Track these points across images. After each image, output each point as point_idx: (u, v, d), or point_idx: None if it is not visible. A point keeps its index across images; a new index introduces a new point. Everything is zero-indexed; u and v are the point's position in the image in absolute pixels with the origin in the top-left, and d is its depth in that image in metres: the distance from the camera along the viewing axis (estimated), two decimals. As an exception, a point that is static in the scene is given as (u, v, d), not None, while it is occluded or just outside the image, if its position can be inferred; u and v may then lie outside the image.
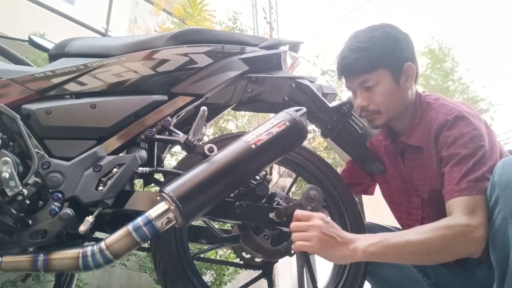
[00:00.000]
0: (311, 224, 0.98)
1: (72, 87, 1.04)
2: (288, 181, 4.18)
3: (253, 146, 0.96)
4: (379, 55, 1.21)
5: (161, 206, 0.86)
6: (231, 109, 1.36)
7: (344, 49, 1.28)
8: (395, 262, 1.24)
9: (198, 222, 1.49)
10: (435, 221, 1.09)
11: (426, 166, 1.25)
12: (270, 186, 1.09)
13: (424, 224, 1.10)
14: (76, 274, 1.33)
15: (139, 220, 0.85)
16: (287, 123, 1.02)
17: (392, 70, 1.22)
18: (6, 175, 0.84)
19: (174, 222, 0.87)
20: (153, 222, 0.84)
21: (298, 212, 1.01)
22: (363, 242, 1.00)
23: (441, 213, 1.13)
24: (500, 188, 0.97)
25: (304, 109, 1.09)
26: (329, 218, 1.02)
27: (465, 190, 1.06)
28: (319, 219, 0.99)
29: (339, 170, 1.55)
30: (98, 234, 1.07)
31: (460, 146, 1.13)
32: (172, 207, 0.86)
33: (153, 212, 0.85)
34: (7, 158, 0.86)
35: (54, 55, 1.16)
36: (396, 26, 1.28)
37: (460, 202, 1.06)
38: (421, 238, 1.01)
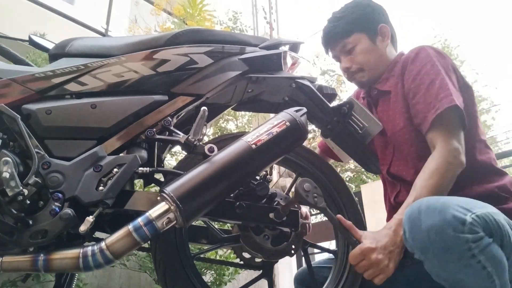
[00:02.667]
0: (369, 262, 1.00)
1: (73, 87, 1.03)
2: (288, 181, 4.18)
3: (254, 146, 0.96)
4: (353, 20, 1.38)
5: (162, 206, 0.86)
6: (231, 109, 1.36)
7: (326, 24, 1.45)
8: None
9: (198, 222, 1.49)
10: (403, 164, 1.28)
11: (392, 107, 1.34)
12: (270, 186, 1.09)
13: (396, 168, 1.30)
14: (76, 274, 1.33)
15: (140, 220, 0.85)
16: (288, 123, 1.02)
17: (367, 32, 1.38)
18: (6, 175, 0.84)
19: (175, 222, 0.87)
20: (154, 222, 0.84)
21: (351, 256, 1.03)
22: (400, 230, 1.02)
23: (409, 155, 1.27)
24: (419, 254, 0.92)
25: (305, 109, 1.09)
26: (372, 243, 1.03)
27: (438, 109, 1.15)
28: (370, 251, 1.01)
29: (339, 170, 1.56)
30: (98, 234, 1.07)
31: (425, 74, 1.23)
32: (172, 207, 0.86)
33: (153, 212, 0.85)
34: (8, 158, 0.86)
35: (54, 55, 1.16)
36: None
37: (437, 131, 1.16)
38: (430, 187, 1.08)
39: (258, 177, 1.07)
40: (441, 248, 0.84)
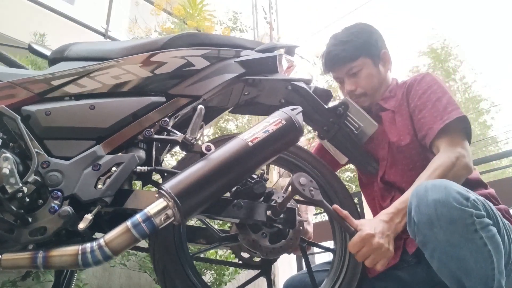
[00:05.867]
0: (370, 248, 1.01)
1: (72, 89, 1.05)
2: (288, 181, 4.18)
3: (250, 144, 0.98)
4: (359, 46, 1.42)
5: (160, 203, 0.88)
6: (229, 112, 1.38)
7: (328, 46, 1.49)
8: None
9: (196, 222, 1.50)
10: (398, 174, 1.30)
11: (398, 125, 1.38)
12: (270, 186, 1.10)
13: (391, 176, 1.33)
14: (76, 274, 1.34)
15: (138, 217, 0.86)
16: (283, 121, 1.04)
17: (371, 57, 1.44)
18: (6, 171, 0.86)
19: (173, 218, 0.88)
20: (152, 218, 0.86)
21: (351, 244, 1.03)
22: (395, 218, 1.06)
23: (406, 168, 1.31)
24: (424, 231, 0.93)
25: (300, 108, 1.10)
26: (370, 229, 1.03)
27: (447, 119, 1.21)
28: (370, 237, 1.01)
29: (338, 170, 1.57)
30: (97, 235, 1.08)
31: (432, 93, 1.30)
32: (170, 204, 0.87)
33: (151, 209, 0.87)
34: (8, 155, 0.88)
35: (53, 60, 1.17)
36: (368, 23, 1.51)
37: (442, 139, 1.21)
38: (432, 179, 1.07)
39: (255, 176, 1.08)
40: (447, 220, 0.87)
